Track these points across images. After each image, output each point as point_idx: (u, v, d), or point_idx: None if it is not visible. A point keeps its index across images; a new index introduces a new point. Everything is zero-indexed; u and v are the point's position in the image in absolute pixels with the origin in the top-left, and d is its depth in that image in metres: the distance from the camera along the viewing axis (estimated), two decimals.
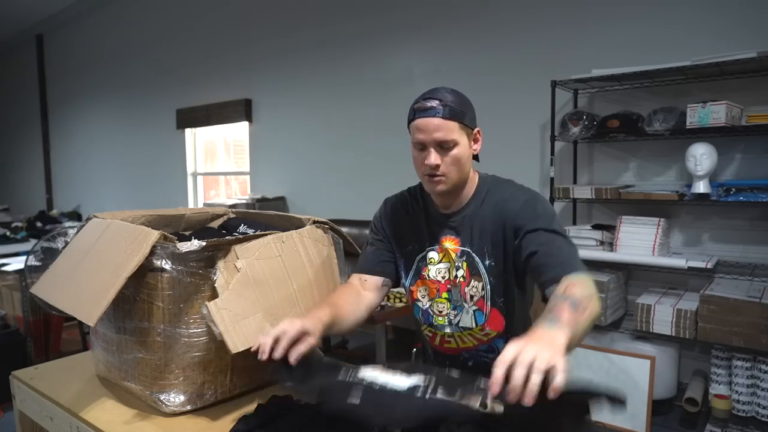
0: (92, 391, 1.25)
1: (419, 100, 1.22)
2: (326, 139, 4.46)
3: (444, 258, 1.30)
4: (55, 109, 7.80)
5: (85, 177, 7.25)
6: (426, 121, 1.18)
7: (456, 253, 1.28)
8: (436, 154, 1.19)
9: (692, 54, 2.50)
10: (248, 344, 1.09)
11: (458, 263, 1.28)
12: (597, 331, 2.78)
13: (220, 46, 5.24)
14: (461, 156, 1.21)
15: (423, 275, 1.33)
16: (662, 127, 2.55)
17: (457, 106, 1.20)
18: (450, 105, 1.19)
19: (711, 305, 2.39)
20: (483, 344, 1.31)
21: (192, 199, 5.78)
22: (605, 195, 2.77)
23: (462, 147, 1.21)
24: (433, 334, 1.35)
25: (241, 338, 1.09)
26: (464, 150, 1.22)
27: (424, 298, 1.34)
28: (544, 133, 3.20)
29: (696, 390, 2.58)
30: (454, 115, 1.19)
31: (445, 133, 1.18)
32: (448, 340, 1.33)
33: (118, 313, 1.17)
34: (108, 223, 1.25)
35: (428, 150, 1.20)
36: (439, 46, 3.72)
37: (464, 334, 1.31)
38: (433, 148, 1.19)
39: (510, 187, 1.30)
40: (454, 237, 1.29)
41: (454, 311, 1.30)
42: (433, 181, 1.23)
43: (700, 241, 2.76)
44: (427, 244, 1.33)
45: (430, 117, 1.18)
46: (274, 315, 1.18)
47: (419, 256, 1.34)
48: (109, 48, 6.66)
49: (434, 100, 1.19)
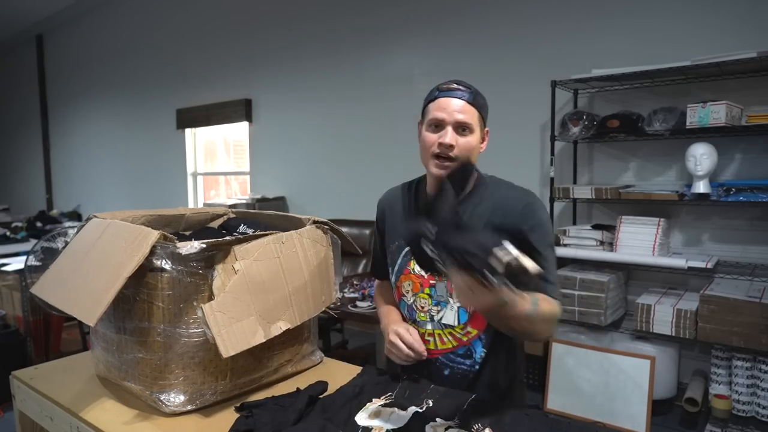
0: (92, 391, 1.25)
1: (445, 82, 1.24)
2: (326, 139, 4.46)
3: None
4: (54, 109, 7.80)
5: (85, 177, 7.25)
6: (450, 101, 1.20)
7: None
8: (453, 134, 1.20)
9: (692, 54, 2.50)
10: (240, 348, 1.09)
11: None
12: (597, 331, 2.79)
13: (220, 46, 5.24)
14: (474, 145, 1.23)
15: (408, 269, 1.33)
16: (662, 127, 2.55)
17: (480, 97, 1.24)
18: (476, 93, 1.23)
19: (711, 305, 2.39)
20: (462, 346, 1.29)
21: (192, 199, 5.78)
22: (605, 195, 2.77)
23: (475, 137, 1.23)
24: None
25: (233, 342, 1.08)
26: (476, 141, 1.23)
27: (408, 293, 1.34)
28: (544, 133, 3.20)
29: (696, 390, 2.58)
30: (477, 104, 1.22)
31: (467, 116, 1.20)
32: (427, 339, 1.31)
33: (118, 313, 1.17)
34: (108, 223, 1.25)
35: (445, 129, 1.21)
36: (439, 45, 3.72)
37: (445, 333, 1.29)
38: (452, 128, 1.20)
39: (510, 187, 1.29)
40: None
41: (437, 307, 1.29)
42: (442, 165, 1.22)
43: (700, 241, 2.76)
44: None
45: (456, 98, 1.20)
46: (267, 318, 1.18)
47: (405, 250, 1.34)
48: (109, 48, 6.66)
49: (460, 85, 1.23)
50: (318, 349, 1.45)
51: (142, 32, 6.18)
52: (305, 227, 1.36)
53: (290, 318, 1.23)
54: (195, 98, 5.47)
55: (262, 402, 1.16)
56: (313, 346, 1.43)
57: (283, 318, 1.22)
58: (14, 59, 8.62)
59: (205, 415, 1.15)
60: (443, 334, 1.30)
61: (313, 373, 1.37)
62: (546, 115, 3.05)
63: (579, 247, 2.84)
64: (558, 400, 2.71)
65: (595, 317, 2.69)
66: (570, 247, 2.86)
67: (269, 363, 1.28)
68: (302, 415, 1.08)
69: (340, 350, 3.59)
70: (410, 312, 1.35)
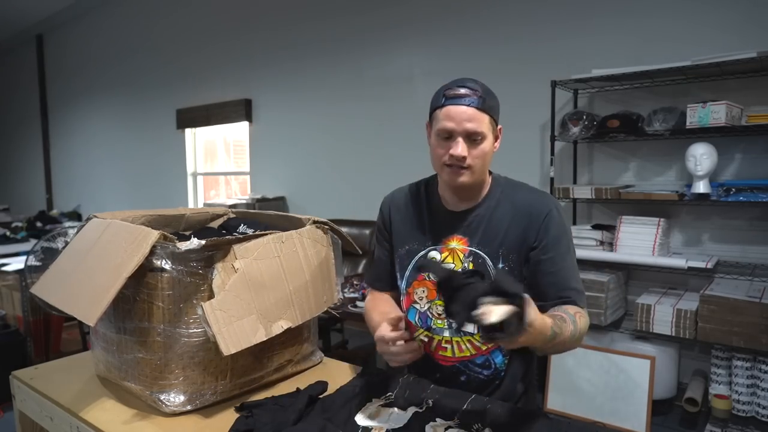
0: (92, 391, 1.25)
1: (451, 86, 1.17)
2: (327, 139, 4.46)
3: (448, 258, 1.25)
4: (54, 109, 7.80)
5: (85, 177, 7.26)
6: (458, 109, 1.14)
7: (464, 253, 1.24)
8: (464, 144, 1.15)
9: (692, 54, 2.50)
10: (241, 346, 1.09)
11: (465, 264, 1.23)
12: (597, 331, 2.79)
13: (220, 45, 5.24)
14: (487, 151, 1.18)
15: (422, 275, 1.28)
16: (662, 127, 2.55)
17: (489, 98, 1.17)
18: (484, 96, 1.15)
19: (711, 305, 2.39)
20: (480, 355, 1.26)
21: (192, 199, 5.78)
22: (605, 195, 2.77)
23: (488, 142, 1.18)
24: (430, 339, 1.29)
25: (234, 340, 1.08)
26: (489, 145, 1.19)
27: (422, 299, 1.29)
28: (544, 133, 3.20)
29: (696, 390, 2.58)
30: (486, 107, 1.15)
31: (476, 124, 1.14)
32: (444, 347, 1.27)
33: (118, 313, 1.17)
34: (108, 223, 1.25)
35: (455, 140, 1.15)
36: (439, 44, 3.72)
37: (463, 340, 1.26)
38: (462, 138, 1.15)
39: (529, 190, 1.27)
40: (462, 236, 1.25)
41: None
42: (455, 172, 1.18)
43: (700, 241, 2.76)
44: (430, 243, 1.28)
45: (464, 105, 1.14)
46: (268, 316, 1.18)
47: (418, 255, 1.29)
48: (109, 48, 6.67)
49: (468, 89, 1.15)
50: (318, 349, 1.45)
51: (141, 32, 6.18)
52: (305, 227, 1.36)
53: (291, 317, 1.23)
54: (195, 98, 5.47)
55: (262, 402, 1.16)
56: (313, 346, 1.43)
57: (284, 317, 1.22)
58: (14, 59, 8.62)
59: (205, 416, 1.15)
60: (462, 341, 1.26)
61: (313, 373, 1.37)
62: (546, 115, 3.05)
63: (579, 247, 2.83)
64: (558, 400, 2.71)
65: (595, 317, 2.69)
66: None
67: (269, 363, 1.28)
68: (302, 415, 1.08)
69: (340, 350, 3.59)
70: (423, 319, 1.29)
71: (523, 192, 1.27)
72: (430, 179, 1.37)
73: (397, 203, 1.37)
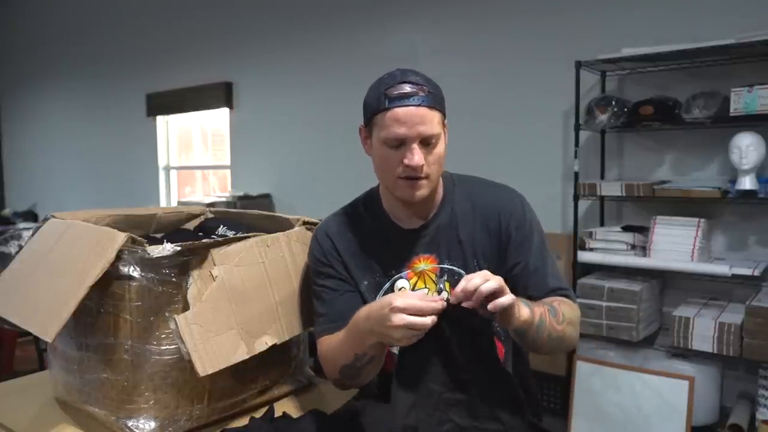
0: (50, 417, 1.26)
1: (390, 83, 1.14)
2: (318, 128, 4.46)
3: (419, 283, 1.24)
4: (5, 94, 7.80)
5: (42, 171, 7.26)
6: (407, 111, 1.11)
7: (435, 273, 1.23)
8: (419, 150, 1.12)
9: (738, 30, 2.50)
10: (219, 366, 1.09)
11: (440, 284, 1.23)
12: (628, 348, 2.79)
13: (197, 21, 5.24)
14: (443, 154, 1.18)
15: None
16: (702, 115, 2.55)
17: (436, 91, 1.16)
18: (431, 90, 1.14)
19: (758, 318, 2.39)
20: None
21: (164, 196, 5.79)
22: (637, 192, 2.78)
23: (442, 143, 1.18)
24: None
25: (212, 359, 1.09)
26: (444, 147, 1.18)
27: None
28: (567, 122, 3.21)
29: (741, 415, 2.58)
30: (437, 104, 1.15)
31: (430, 126, 1.12)
32: None
33: (80, 327, 1.17)
34: (68, 224, 1.25)
35: (408, 147, 1.13)
36: (446, 18, 3.72)
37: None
38: (416, 144, 1.13)
39: (485, 186, 1.29)
40: (428, 255, 1.24)
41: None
42: (413, 185, 1.15)
43: (746, 245, 2.77)
44: (393, 272, 1.25)
45: (413, 106, 1.11)
46: (250, 331, 1.18)
47: (383, 288, 1.25)
48: (70, 23, 6.66)
49: (413, 84, 1.12)
50: (308, 368, 1.45)
51: (107, 5, 6.18)
52: (294, 229, 1.37)
53: (277, 332, 1.24)
54: (167, 81, 5.47)
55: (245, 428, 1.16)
56: (304, 365, 1.43)
57: (269, 332, 1.22)
58: None
59: None
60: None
61: (303, 397, 1.37)
62: (569, 100, 3.05)
63: (607, 251, 2.84)
64: (583, 427, 2.71)
65: (626, 332, 2.70)
66: (597, 252, 2.86)
67: (252, 384, 1.28)
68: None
69: None
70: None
71: (480, 188, 1.28)
72: (366, 198, 1.35)
73: (336, 233, 1.28)
